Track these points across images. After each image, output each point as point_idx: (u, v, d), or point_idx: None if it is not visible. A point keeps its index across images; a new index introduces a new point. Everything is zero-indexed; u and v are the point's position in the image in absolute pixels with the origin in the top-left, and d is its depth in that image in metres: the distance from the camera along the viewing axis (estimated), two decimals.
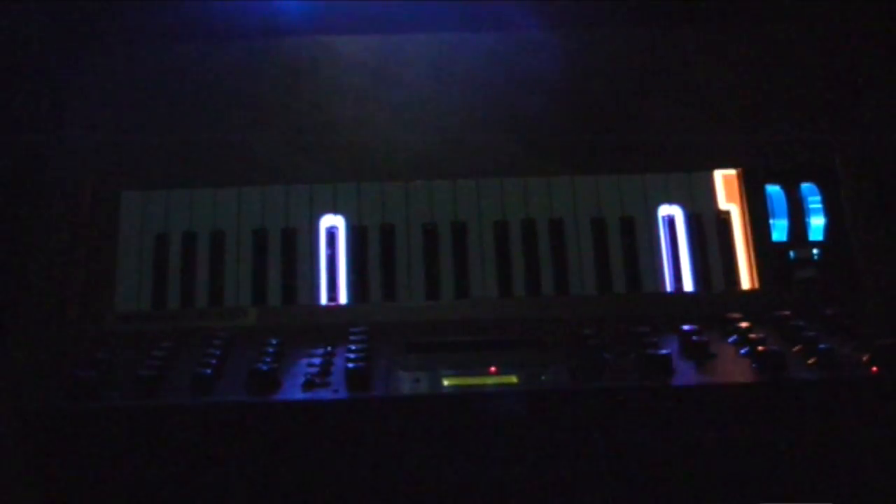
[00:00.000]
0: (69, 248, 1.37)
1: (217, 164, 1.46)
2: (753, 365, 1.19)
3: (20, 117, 1.46)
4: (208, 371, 1.16)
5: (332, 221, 1.42)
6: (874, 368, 1.17)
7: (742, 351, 1.22)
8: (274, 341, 1.25)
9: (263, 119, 1.49)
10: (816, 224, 1.43)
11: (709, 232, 1.42)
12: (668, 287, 1.40)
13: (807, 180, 1.44)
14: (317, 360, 1.22)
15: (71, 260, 1.36)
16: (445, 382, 1.17)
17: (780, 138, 1.48)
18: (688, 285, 1.40)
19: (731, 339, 1.26)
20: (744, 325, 1.27)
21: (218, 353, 1.21)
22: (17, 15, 1.45)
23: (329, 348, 1.25)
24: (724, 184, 1.44)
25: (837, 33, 1.52)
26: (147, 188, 1.42)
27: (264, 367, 1.16)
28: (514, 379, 1.17)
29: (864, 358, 1.19)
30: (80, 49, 1.51)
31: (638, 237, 1.42)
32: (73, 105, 1.49)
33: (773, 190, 1.44)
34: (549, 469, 1.14)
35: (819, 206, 1.43)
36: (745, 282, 1.40)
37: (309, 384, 1.16)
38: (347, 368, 1.16)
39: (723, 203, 1.44)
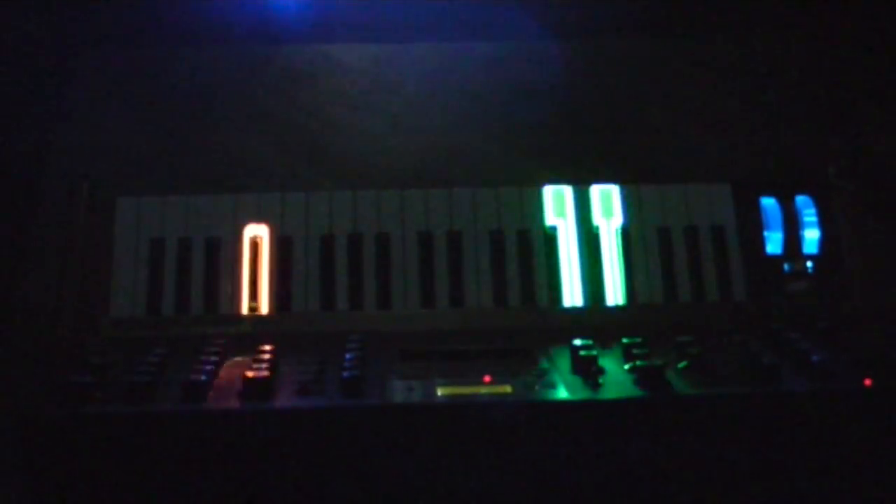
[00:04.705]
0: (64, 253, 1.36)
1: (213, 170, 1.46)
2: (747, 376, 1.19)
3: (15, 122, 1.46)
4: (202, 378, 1.15)
5: (328, 229, 1.42)
6: (867, 381, 1.17)
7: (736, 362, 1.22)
8: (268, 348, 1.25)
9: (260, 125, 1.49)
10: (811, 237, 1.44)
11: (703, 243, 1.42)
12: (662, 298, 1.40)
13: (801, 193, 1.45)
14: (311, 368, 1.22)
15: (66, 265, 1.36)
16: (439, 391, 1.16)
17: (775, 150, 1.48)
18: (682, 296, 1.40)
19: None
20: (737, 336, 1.27)
21: (212, 359, 1.21)
22: (13, 19, 1.45)
23: (323, 356, 1.25)
24: (719, 196, 1.45)
25: (832, 45, 1.53)
26: (143, 194, 1.42)
27: (259, 375, 1.15)
28: (508, 389, 1.17)
29: (858, 370, 1.19)
30: (76, 53, 1.51)
31: (633, 248, 1.42)
32: (69, 110, 1.48)
33: (768, 202, 1.45)
34: (543, 479, 1.14)
35: (814, 218, 1.44)
36: (740, 294, 1.40)
37: (303, 392, 1.16)
38: (341, 376, 1.16)
39: (717, 215, 1.44)
